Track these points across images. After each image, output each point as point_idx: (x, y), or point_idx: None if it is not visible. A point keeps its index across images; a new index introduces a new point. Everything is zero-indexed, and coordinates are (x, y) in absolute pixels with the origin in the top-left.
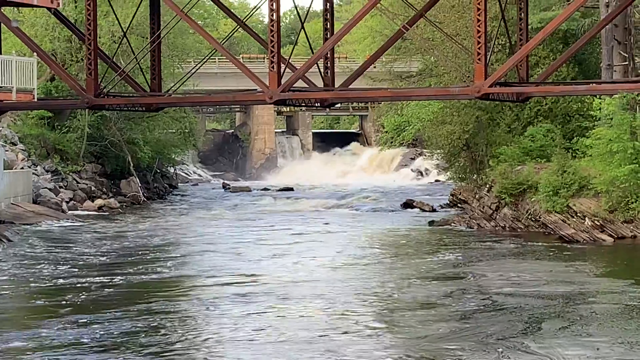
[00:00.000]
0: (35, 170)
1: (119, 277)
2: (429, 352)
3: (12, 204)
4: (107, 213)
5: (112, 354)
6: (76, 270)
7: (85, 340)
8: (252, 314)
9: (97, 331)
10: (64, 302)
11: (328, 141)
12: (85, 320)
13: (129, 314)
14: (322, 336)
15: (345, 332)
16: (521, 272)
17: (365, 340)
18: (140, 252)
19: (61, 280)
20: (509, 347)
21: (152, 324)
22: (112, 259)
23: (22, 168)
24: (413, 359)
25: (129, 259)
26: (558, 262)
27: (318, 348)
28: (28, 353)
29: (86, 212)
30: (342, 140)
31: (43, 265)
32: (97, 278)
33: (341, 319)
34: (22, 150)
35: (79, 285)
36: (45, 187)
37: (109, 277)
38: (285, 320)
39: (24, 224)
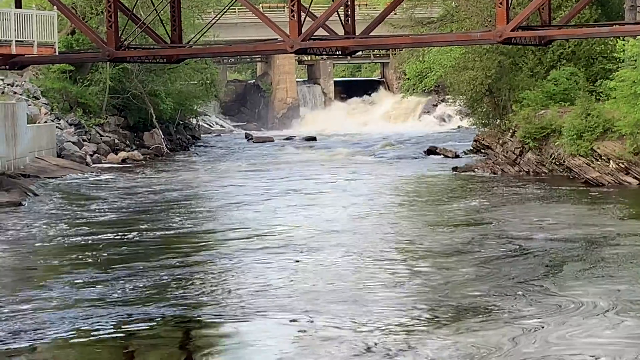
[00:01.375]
0: (59, 124)
1: (143, 232)
2: (452, 298)
3: (37, 157)
4: (130, 165)
5: (135, 307)
6: (100, 224)
7: (109, 294)
8: (277, 265)
9: (121, 285)
10: (88, 257)
11: (350, 89)
12: (109, 274)
13: (153, 268)
14: (346, 284)
15: (370, 280)
16: (545, 216)
17: (390, 288)
18: (164, 205)
19: (85, 235)
20: (529, 291)
21: (176, 277)
22: (136, 213)
23: (45, 122)
24: (436, 305)
25: (153, 212)
26: (582, 205)
27: (343, 296)
28: (52, 309)
29: (110, 165)
30: (363, 88)
31: (67, 219)
32: (121, 232)
33: (365, 267)
34: (45, 104)
35: (103, 239)
36: (69, 141)
37: (133, 232)
38: (309, 270)
39: (48, 178)
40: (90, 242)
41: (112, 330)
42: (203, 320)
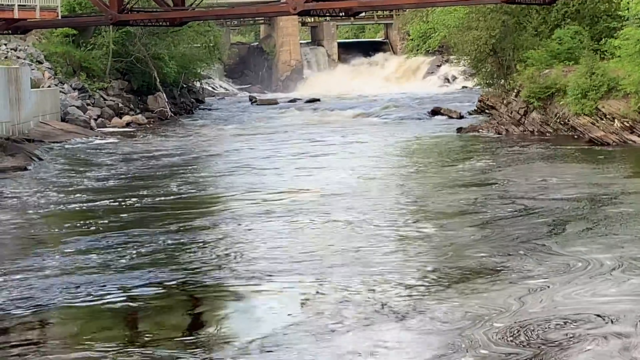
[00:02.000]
0: (62, 88)
1: (148, 197)
2: (458, 259)
3: (41, 122)
4: (135, 129)
5: (141, 272)
6: (105, 189)
7: (114, 260)
8: (283, 228)
9: (127, 251)
10: (93, 223)
11: (353, 51)
12: (114, 240)
13: (158, 233)
14: (351, 245)
15: (377, 242)
16: (549, 175)
17: (396, 249)
18: (168, 170)
19: (90, 201)
20: (534, 250)
21: (182, 242)
22: (140, 178)
23: (49, 86)
24: (442, 266)
25: (158, 177)
26: (586, 164)
27: (350, 258)
28: (57, 275)
29: (114, 129)
30: (367, 49)
31: (72, 184)
32: (126, 197)
33: (372, 228)
34: (49, 68)
35: (108, 204)
36: (73, 105)
37: (137, 197)
38: (316, 233)
39: (53, 142)
40: (95, 207)
41: (117, 296)
42: (210, 284)
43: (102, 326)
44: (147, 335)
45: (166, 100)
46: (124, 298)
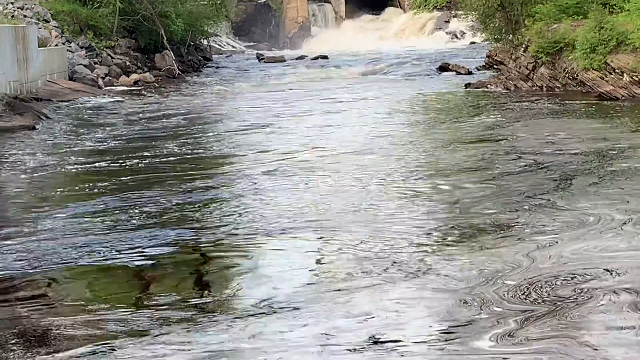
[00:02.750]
0: (69, 47)
1: (156, 157)
2: (466, 216)
3: (49, 81)
4: (142, 87)
5: (147, 230)
6: (113, 148)
7: (123, 220)
8: (293, 186)
9: (135, 211)
10: (102, 183)
11: (361, 7)
12: (123, 201)
13: (167, 193)
14: (360, 203)
15: (385, 199)
16: (557, 131)
17: (405, 206)
18: (176, 129)
19: (98, 160)
20: (542, 206)
21: (191, 202)
22: (149, 137)
23: (56, 45)
24: (451, 223)
25: (166, 136)
26: (595, 119)
27: (358, 215)
28: (66, 235)
29: (122, 87)
30: (375, 6)
31: (81, 143)
32: (135, 157)
33: (377, 186)
34: (55, 27)
35: (116, 164)
36: (80, 64)
37: (146, 156)
38: (325, 189)
39: (61, 101)
40: (103, 167)
41: (127, 256)
42: (221, 243)
43: (113, 286)
44: (159, 295)
45: (173, 58)
46: (135, 258)
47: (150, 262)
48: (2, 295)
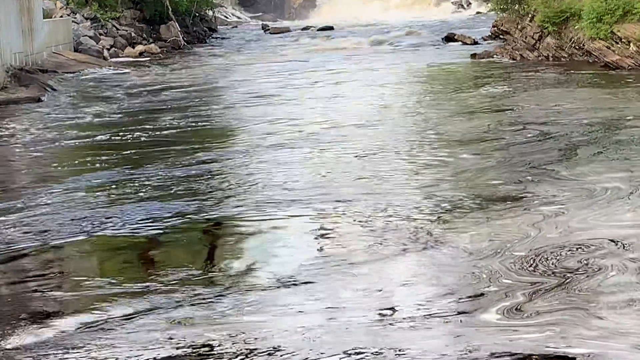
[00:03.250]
0: (75, 18)
1: (161, 129)
2: (471, 187)
3: (54, 52)
4: (148, 59)
5: (150, 203)
6: (118, 121)
7: (128, 193)
8: (297, 158)
9: (140, 184)
10: (108, 155)
11: None
12: (127, 174)
13: (172, 166)
14: (367, 174)
15: (389, 170)
16: (563, 100)
17: (410, 178)
18: (182, 101)
19: (104, 133)
20: (548, 176)
21: (195, 174)
22: (154, 109)
23: (61, 16)
24: (456, 194)
25: (172, 108)
26: (601, 89)
27: (365, 187)
28: (72, 208)
29: (127, 59)
30: None
31: (86, 115)
32: (140, 130)
33: (387, 157)
34: None
35: (121, 137)
36: (86, 35)
37: (151, 129)
38: (330, 161)
39: (66, 72)
40: (109, 140)
41: (132, 229)
42: (227, 216)
43: (118, 259)
44: (166, 268)
45: (179, 29)
46: (140, 230)
47: (156, 234)
48: (4, 270)
